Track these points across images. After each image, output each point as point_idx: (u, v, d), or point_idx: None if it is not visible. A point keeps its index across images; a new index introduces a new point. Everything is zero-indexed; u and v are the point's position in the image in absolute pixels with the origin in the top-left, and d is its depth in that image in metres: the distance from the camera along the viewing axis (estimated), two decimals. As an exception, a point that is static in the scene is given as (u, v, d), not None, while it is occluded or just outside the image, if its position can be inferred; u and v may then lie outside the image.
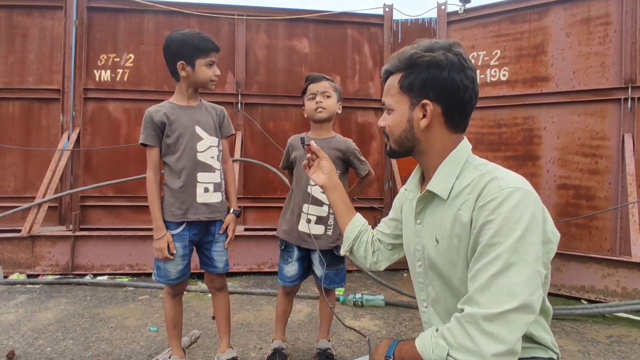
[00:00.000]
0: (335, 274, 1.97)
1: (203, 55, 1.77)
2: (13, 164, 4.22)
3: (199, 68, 1.78)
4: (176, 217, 1.80)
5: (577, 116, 3.70)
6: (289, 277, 1.97)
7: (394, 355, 1.02)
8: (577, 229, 3.63)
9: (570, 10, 3.75)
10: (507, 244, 0.85)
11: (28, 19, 4.28)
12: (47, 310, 2.82)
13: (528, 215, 0.87)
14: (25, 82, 4.25)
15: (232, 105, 4.35)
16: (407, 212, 1.17)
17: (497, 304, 0.83)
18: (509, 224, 0.86)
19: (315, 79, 1.94)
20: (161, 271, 1.84)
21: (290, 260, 1.95)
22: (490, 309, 0.83)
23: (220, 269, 1.92)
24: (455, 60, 0.97)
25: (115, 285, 3.34)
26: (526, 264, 0.85)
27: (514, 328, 0.83)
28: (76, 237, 3.59)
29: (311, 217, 1.89)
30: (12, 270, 3.51)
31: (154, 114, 1.78)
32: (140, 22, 4.35)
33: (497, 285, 0.84)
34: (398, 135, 1.05)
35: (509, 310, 0.83)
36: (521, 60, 4.00)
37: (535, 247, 0.87)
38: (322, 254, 1.85)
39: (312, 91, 1.92)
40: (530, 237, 0.86)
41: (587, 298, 3.08)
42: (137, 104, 4.32)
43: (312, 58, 4.54)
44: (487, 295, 0.85)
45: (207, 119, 1.86)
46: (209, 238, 1.89)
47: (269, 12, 4.49)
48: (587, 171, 3.63)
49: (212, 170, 1.85)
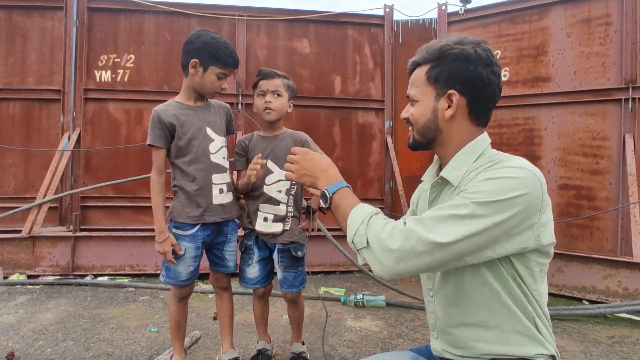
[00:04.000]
0: (294, 276, 1.89)
1: (220, 65, 1.73)
2: (13, 164, 4.21)
3: (209, 74, 1.74)
4: (192, 220, 1.77)
5: (578, 116, 3.70)
6: (252, 280, 1.93)
7: (334, 195, 1.07)
8: (578, 230, 3.63)
9: (571, 10, 3.75)
10: (485, 199, 0.88)
11: (28, 20, 4.28)
12: (47, 311, 2.81)
13: (522, 191, 0.88)
14: (26, 83, 4.25)
15: (232, 106, 4.34)
16: (422, 203, 1.19)
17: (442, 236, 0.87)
18: (498, 187, 0.89)
19: (267, 75, 1.85)
20: (171, 272, 1.82)
21: (251, 263, 1.91)
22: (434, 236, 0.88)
23: (232, 269, 1.92)
24: (483, 55, 0.99)
25: (115, 286, 3.34)
26: (485, 224, 0.87)
27: (419, 263, 0.89)
28: (76, 238, 3.59)
29: (268, 216, 1.85)
30: (12, 270, 3.50)
31: (163, 114, 1.74)
32: (140, 22, 4.35)
33: (449, 224, 0.88)
34: (422, 124, 1.06)
35: (438, 243, 0.87)
36: (522, 61, 4.00)
37: (506, 223, 0.87)
38: (280, 256, 1.84)
39: (263, 88, 1.83)
40: (509, 210, 0.87)
41: (589, 299, 3.07)
42: (137, 105, 4.32)
43: (312, 58, 4.54)
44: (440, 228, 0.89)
45: (216, 119, 1.84)
46: (221, 238, 1.88)
47: (269, 12, 4.49)
48: (588, 171, 3.62)
49: (224, 171, 1.84)
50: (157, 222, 1.74)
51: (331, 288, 3.37)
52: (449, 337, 1.05)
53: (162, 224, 1.74)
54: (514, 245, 0.90)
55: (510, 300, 0.96)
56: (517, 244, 0.90)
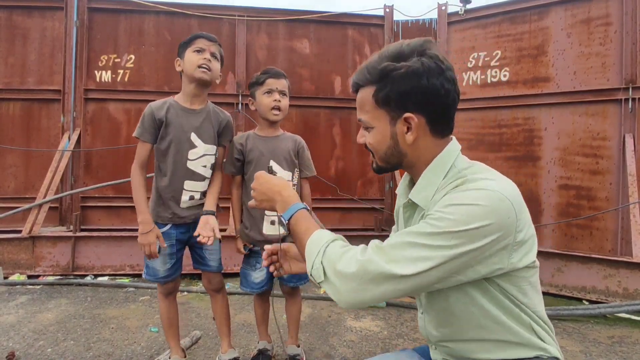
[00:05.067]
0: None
1: (190, 43, 1.76)
2: (13, 164, 4.21)
3: (187, 58, 1.75)
4: (162, 220, 1.79)
5: (578, 116, 3.70)
6: (257, 284, 1.89)
7: (290, 220, 1.02)
8: (579, 230, 3.63)
9: (571, 10, 3.76)
10: (448, 229, 0.81)
11: (28, 20, 4.28)
12: (48, 311, 2.81)
13: (488, 220, 0.81)
14: (26, 83, 4.25)
15: (232, 106, 4.35)
16: (400, 220, 1.12)
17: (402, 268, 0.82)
18: (462, 215, 0.82)
19: (276, 74, 1.84)
20: (150, 269, 1.83)
21: (259, 266, 1.87)
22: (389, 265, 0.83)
23: (215, 268, 1.90)
24: (432, 65, 0.89)
25: (116, 286, 3.34)
26: (449, 254, 0.81)
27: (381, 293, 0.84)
28: (77, 238, 3.59)
29: (274, 219, 1.81)
30: (12, 271, 3.50)
31: (156, 110, 1.75)
32: (140, 22, 4.35)
33: (411, 252, 0.83)
34: (383, 152, 0.99)
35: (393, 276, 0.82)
36: (522, 61, 4.00)
37: (473, 253, 0.81)
38: None
39: (271, 87, 1.81)
40: (476, 240, 0.81)
41: (589, 299, 3.07)
42: (137, 105, 4.32)
43: (312, 59, 4.54)
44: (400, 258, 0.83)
45: (207, 126, 1.81)
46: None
47: (269, 12, 4.49)
48: (588, 171, 3.63)
49: (201, 179, 1.82)
50: (140, 214, 1.70)
51: (331, 288, 3.37)
52: (445, 349, 1.02)
53: (145, 215, 1.70)
54: (488, 267, 0.84)
55: (502, 314, 0.91)
56: (491, 266, 0.84)
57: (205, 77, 1.75)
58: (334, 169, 4.56)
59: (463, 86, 4.27)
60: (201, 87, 1.79)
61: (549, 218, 3.76)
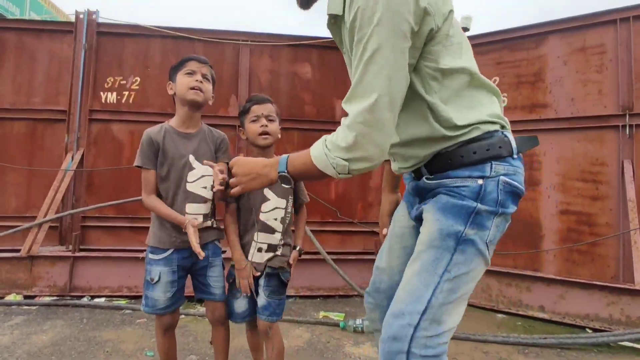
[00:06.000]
0: (278, 303, 1.78)
1: (181, 66, 1.79)
2: (16, 183, 4.24)
3: (179, 81, 1.78)
4: (163, 244, 1.78)
5: (577, 142, 3.73)
6: (240, 314, 1.82)
7: (288, 170, 1.10)
8: (580, 255, 3.61)
9: (567, 39, 3.85)
10: (369, 34, 0.95)
11: (37, 42, 4.39)
12: (43, 332, 2.77)
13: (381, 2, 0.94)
14: (32, 103, 4.32)
15: (234, 128, 4.40)
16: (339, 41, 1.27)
17: (370, 91, 0.96)
18: (366, 14, 0.95)
19: (260, 100, 1.85)
20: (149, 300, 1.77)
21: (239, 295, 1.81)
22: (365, 99, 0.97)
23: (218, 296, 1.85)
24: None
25: (112, 307, 3.30)
26: (386, 48, 0.95)
27: (386, 124, 0.98)
28: (75, 258, 3.57)
29: (262, 246, 1.77)
30: (9, 290, 3.47)
31: (154, 136, 1.77)
32: (147, 46, 4.46)
33: (368, 75, 0.97)
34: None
35: (370, 104, 0.96)
36: (520, 87, 4.07)
37: (397, 26, 0.95)
38: (267, 280, 1.75)
39: (256, 113, 1.81)
40: (389, 16, 0.94)
41: (592, 327, 3.02)
42: (140, 126, 4.36)
43: (314, 83, 4.62)
44: (362, 86, 0.97)
45: (203, 148, 1.83)
46: (202, 263, 1.82)
47: (272, 38, 4.61)
48: (588, 197, 3.63)
49: (202, 201, 1.81)
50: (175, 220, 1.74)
51: (330, 312, 3.33)
52: (397, 156, 1.21)
53: (178, 218, 1.73)
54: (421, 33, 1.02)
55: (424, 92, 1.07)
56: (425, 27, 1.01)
57: (197, 99, 1.77)
58: (334, 192, 4.57)
59: (462, 111, 4.33)
60: (194, 109, 1.82)
61: (550, 243, 3.74)
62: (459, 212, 1.04)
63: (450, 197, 1.06)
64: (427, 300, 1.02)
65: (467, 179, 1.05)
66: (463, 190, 1.05)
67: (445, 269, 1.03)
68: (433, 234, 1.06)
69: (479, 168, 1.05)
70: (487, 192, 1.04)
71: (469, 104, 1.09)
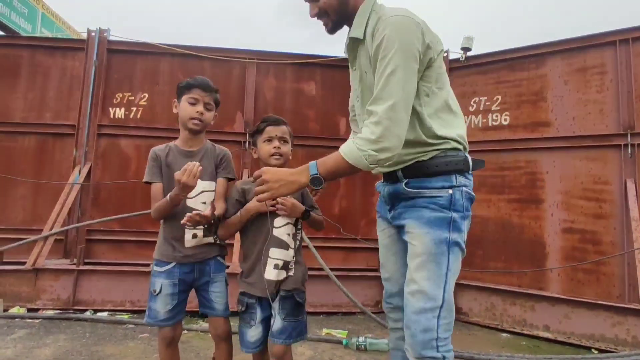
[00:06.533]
0: (294, 325, 1.72)
1: (187, 90, 1.83)
2: (23, 196, 4.29)
3: (182, 104, 1.83)
4: (166, 257, 1.81)
5: (579, 161, 3.76)
6: (253, 343, 1.76)
7: (319, 171, 1.32)
8: (585, 275, 3.58)
9: (567, 60, 3.92)
10: (392, 52, 1.27)
11: (50, 59, 4.51)
12: (46, 346, 2.77)
13: (402, 30, 1.29)
14: (43, 118, 4.41)
15: (240, 144, 4.47)
16: (350, 71, 1.56)
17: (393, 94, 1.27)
18: (390, 40, 1.28)
19: (275, 121, 1.85)
20: (151, 312, 1.80)
21: (254, 323, 1.75)
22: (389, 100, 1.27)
23: (221, 312, 1.85)
24: None
25: (115, 322, 3.30)
26: (403, 67, 1.27)
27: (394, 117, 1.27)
28: (79, 272, 3.59)
29: (278, 262, 1.74)
30: (13, 303, 3.48)
31: (159, 152, 1.84)
32: (156, 63, 4.57)
33: (392, 82, 1.27)
34: (336, 4, 1.43)
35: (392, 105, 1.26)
36: (522, 106, 4.12)
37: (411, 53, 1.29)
38: (281, 303, 1.71)
39: (270, 134, 1.81)
40: (406, 45, 1.28)
41: (598, 347, 2.99)
42: (148, 141, 4.44)
43: (318, 100, 4.70)
44: (387, 90, 1.27)
45: (204, 164, 1.84)
46: (204, 279, 1.84)
47: (278, 56, 4.71)
48: (591, 215, 3.63)
49: None
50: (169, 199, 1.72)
51: (333, 330, 3.31)
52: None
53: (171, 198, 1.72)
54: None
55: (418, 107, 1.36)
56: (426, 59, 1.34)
57: (195, 129, 1.84)
58: (337, 208, 4.60)
59: (465, 129, 4.38)
60: (193, 134, 1.88)
61: (554, 262, 3.73)
62: (442, 222, 1.35)
63: (431, 210, 1.36)
64: (441, 297, 1.32)
65: (441, 190, 1.37)
66: (440, 200, 1.36)
67: (447, 269, 1.34)
68: (428, 244, 1.35)
69: (447, 179, 1.37)
70: (456, 200, 1.37)
71: (444, 123, 1.42)
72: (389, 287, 1.62)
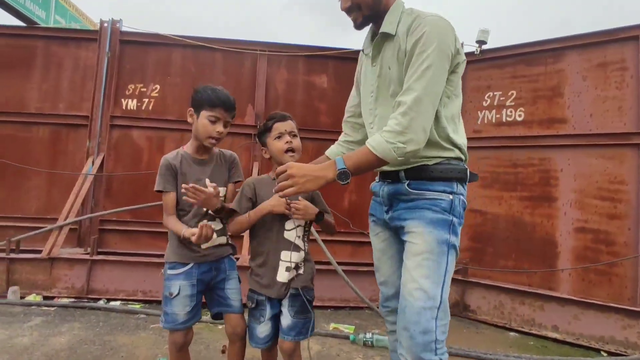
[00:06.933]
0: (304, 322, 1.75)
1: (209, 107, 1.76)
2: (38, 186, 4.37)
3: (202, 119, 1.77)
4: (185, 259, 1.82)
5: (595, 159, 3.67)
6: (262, 339, 1.79)
7: (347, 165, 1.32)
8: (597, 275, 3.53)
9: (586, 55, 3.80)
10: (431, 49, 1.31)
11: (64, 49, 4.54)
12: (61, 334, 2.86)
13: (441, 31, 1.34)
14: (57, 108, 4.47)
15: (250, 137, 4.47)
16: (365, 67, 1.59)
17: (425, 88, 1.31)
18: (430, 37, 1.32)
19: (281, 117, 1.80)
20: (168, 316, 1.80)
21: (263, 320, 1.77)
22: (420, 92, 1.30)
23: (237, 308, 1.87)
24: None
25: (127, 311, 3.37)
26: (436, 65, 1.32)
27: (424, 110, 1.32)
28: (93, 261, 3.67)
29: (290, 265, 1.74)
30: (29, 290, 3.58)
31: (172, 161, 1.82)
32: (168, 55, 4.57)
33: (425, 76, 1.31)
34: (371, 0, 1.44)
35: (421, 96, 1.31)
36: (537, 102, 4.03)
37: (445, 53, 1.34)
38: (291, 300, 1.73)
39: (280, 130, 1.77)
40: (443, 45, 1.33)
41: (607, 350, 2.97)
42: (159, 132, 4.48)
43: (330, 93, 4.66)
44: (420, 82, 1.31)
45: (217, 171, 1.87)
46: (221, 276, 1.88)
47: (290, 48, 4.67)
48: (605, 215, 3.56)
49: (214, 219, 1.84)
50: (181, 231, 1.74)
51: (341, 324, 3.34)
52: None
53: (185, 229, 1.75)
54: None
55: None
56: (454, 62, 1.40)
57: (212, 146, 1.84)
58: (347, 202, 4.59)
59: (478, 124, 4.31)
60: (207, 148, 1.87)
61: (566, 261, 3.68)
62: (444, 224, 1.39)
63: (433, 211, 1.39)
64: (439, 297, 1.33)
65: (442, 194, 1.41)
66: (441, 203, 1.40)
67: (445, 269, 1.37)
68: (431, 243, 1.37)
69: (448, 185, 1.42)
70: (454, 206, 1.41)
71: (456, 129, 1.47)
72: (385, 290, 1.64)
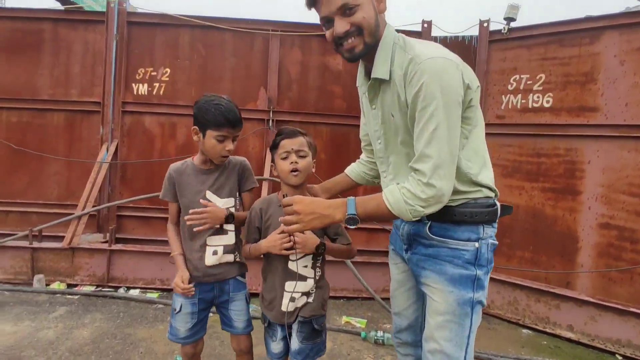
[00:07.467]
0: (311, 347, 1.73)
1: (215, 127, 1.70)
2: (57, 172, 4.45)
3: (208, 139, 1.72)
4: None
5: (627, 152, 3.45)
6: (276, 354, 1.81)
7: (358, 212, 1.25)
8: (618, 273, 3.42)
9: (627, 36, 3.46)
10: (435, 104, 1.15)
11: (73, 33, 4.43)
12: (84, 327, 2.99)
13: (443, 77, 1.16)
14: (69, 94, 4.44)
15: (263, 122, 4.37)
16: (365, 106, 1.47)
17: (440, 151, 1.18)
18: (430, 89, 1.15)
19: (290, 133, 1.69)
20: (172, 329, 1.86)
21: (275, 339, 1.79)
22: (437, 158, 1.17)
23: (240, 330, 1.89)
24: None
25: (146, 301, 3.50)
26: (447, 118, 1.17)
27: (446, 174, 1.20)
28: (112, 251, 3.77)
29: (295, 295, 1.70)
30: (53, 278, 3.74)
31: (174, 172, 1.83)
32: (176, 36, 4.41)
33: (437, 138, 1.17)
34: (374, 24, 1.25)
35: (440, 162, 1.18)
36: (568, 87, 3.75)
37: (453, 101, 1.18)
38: (299, 326, 1.71)
39: (286, 149, 1.65)
40: (448, 96, 1.17)
41: (623, 353, 2.92)
42: (171, 118, 4.43)
43: (345, 76, 4.46)
44: (434, 146, 1.17)
45: (222, 181, 1.82)
46: (224, 297, 1.88)
47: (303, 28, 4.43)
48: (633, 212, 3.39)
49: (225, 233, 1.82)
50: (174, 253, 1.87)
51: (352, 318, 3.38)
52: None
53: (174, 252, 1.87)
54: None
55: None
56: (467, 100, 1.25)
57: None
58: (362, 188, 4.50)
59: (502, 109, 4.08)
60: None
61: (587, 257, 3.57)
62: (466, 281, 1.30)
63: (454, 266, 1.30)
64: (463, 359, 1.31)
65: (467, 243, 1.30)
66: (464, 255, 1.29)
67: (469, 330, 1.31)
68: (452, 304, 1.30)
69: (474, 230, 1.31)
70: (481, 254, 1.31)
71: (480, 165, 1.32)
72: (398, 321, 1.63)
